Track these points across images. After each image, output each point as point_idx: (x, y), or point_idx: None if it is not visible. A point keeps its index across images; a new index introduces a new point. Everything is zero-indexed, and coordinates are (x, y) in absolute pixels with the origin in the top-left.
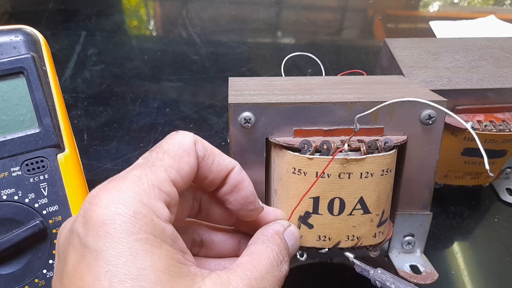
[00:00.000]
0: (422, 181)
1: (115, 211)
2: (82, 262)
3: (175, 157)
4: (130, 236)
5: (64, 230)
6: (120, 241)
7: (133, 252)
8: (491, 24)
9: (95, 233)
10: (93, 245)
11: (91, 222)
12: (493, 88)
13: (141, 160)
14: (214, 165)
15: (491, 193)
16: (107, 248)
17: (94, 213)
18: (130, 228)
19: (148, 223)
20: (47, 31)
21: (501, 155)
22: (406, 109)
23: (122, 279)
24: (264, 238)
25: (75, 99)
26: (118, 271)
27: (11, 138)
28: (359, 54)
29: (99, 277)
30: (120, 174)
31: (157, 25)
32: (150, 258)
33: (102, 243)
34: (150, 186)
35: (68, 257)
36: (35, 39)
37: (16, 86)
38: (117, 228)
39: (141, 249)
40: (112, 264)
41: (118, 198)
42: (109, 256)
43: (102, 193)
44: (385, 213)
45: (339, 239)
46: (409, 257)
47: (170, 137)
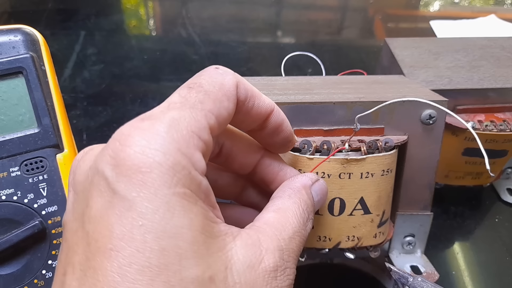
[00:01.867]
0: (422, 181)
1: (153, 158)
2: (110, 209)
3: (215, 101)
4: (168, 189)
5: (83, 166)
6: (157, 194)
7: (170, 207)
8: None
9: (128, 179)
10: (125, 193)
11: (123, 166)
12: (493, 88)
13: (178, 97)
14: (254, 109)
15: (492, 193)
16: (142, 200)
17: (128, 156)
18: (168, 180)
19: (186, 176)
20: (46, 30)
21: (501, 155)
22: (406, 109)
23: (157, 236)
24: (290, 192)
25: (74, 99)
26: (154, 227)
27: (10, 138)
28: (359, 53)
29: (132, 231)
30: (155, 111)
31: (156, 24)
32: (187, 216)
33: (136, 193)
34: (189, 133)
35: (92, 199)
36: (34, 39)
37: (15, 86)
38: (154, 178)
39: (178, 205)
40: (147, 219)
41: (156, 144)
42: (144, 208)
43: (136, 133)
44: (385, 213)
45: (339, 240)
46: (410, 257)
47: (210, 75)
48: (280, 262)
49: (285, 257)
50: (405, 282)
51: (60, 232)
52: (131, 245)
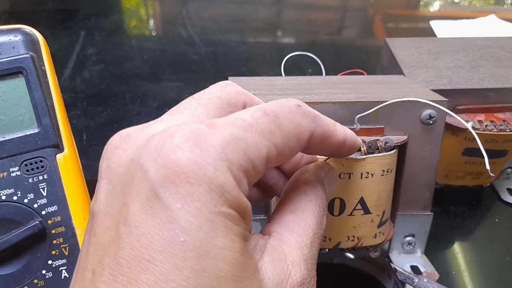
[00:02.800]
0: (422, 181)
1: (204, 171)
2: (151, 217)
3: (284, 138)
4: (214, 207)
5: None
6: (203, 210)
7: (214, 227)
8: (492, 23)
9: (175, 188)
10: (170, 202)
11: (171, 170)
12: (493, 88)
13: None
14: (327, 145)
15: (492, 193)
16: (186, 214)
17: (178, 160)
18: (215, 198)
19: (234, 197)
20: (46, 30)
21: (501, 155)
22: (406, 109)
23: (199, 255)
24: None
25: (74, 99)
26: (196, 245)
27: (10, 138)
28: (359, 53)
29: (172, 246)
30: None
31: (156, 24)
32: (230, 238)
33: (181, 205)
34: (245, 157)
35: (131, 199)
36: (34, 39)
37: (15, 86)
38: (201, 192)
39: (222, 225)
40: (190, 235)
41: (209, 157)
42: (187, 223)
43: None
44: (385, 213)
45: (339, 240)
46: (410, 257)
47: (291, 111)
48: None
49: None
50: (411, 283)
51: (60, 232)
52: (170, 261)
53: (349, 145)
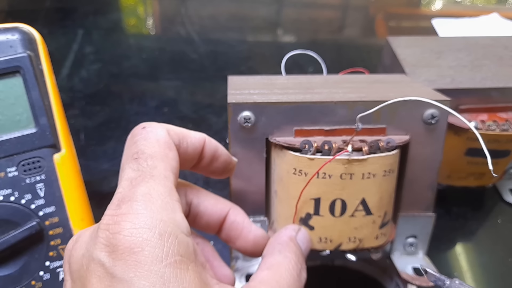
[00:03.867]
0: (425, 181)
1: (141, 236)
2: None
3: (163, 159)
4: (160, 263)
5: (76, 254)
6: (151, 270)
7: (165, 280)
8: (494, 22)
9: (124, 262)
10: (123, 275)
11: (117, 251)
12: (496, 87)
13: (134, 173)
14: (189, 147)
15: (495, 194)
16: (139, 278)
17: (120, 241)
18: (159, 253)
19: (174, 243)
20: (44, 29)
21: (504, 155)
22: (408, 109)
23: None
24: (280, 247)
25: (72, 99)
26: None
27: (7, 138)
28: (360, 52)
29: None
30: (124, 193)
31: (155, 23)
32: (181, 285)
33: (133, 273)
34: (164, 201)
35: (90, 285)
36: (32, 38)
37: (13, 85)
38: (146, 255)
39: (172, 275)
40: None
41: (139, 222)
42: (141, 286)
43: (121, 220)
44: (387, 214)
45: (340, 241)
46: (412, 259)
47: (144, 137)
48: None
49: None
50: (442, 285)
51: (57, 234)
52: None
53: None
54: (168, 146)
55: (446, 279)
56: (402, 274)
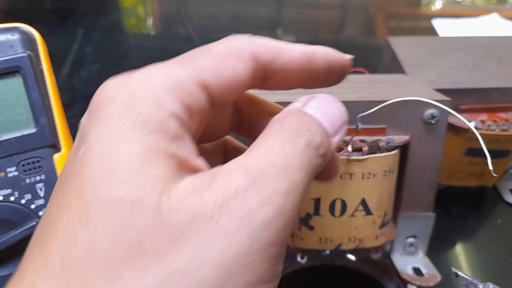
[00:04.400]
0: (425, 181)
1: (113, 93)
2: (71, 151)
3: (216, 59)
4: (117, 118)
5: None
6: (106, 123)
7: (112, 132)
8: (494, 22)
9: (90, 118)
10: (84, 130)
11: (92, 106)
12: (496, 87)
13: (176, 57)
14: (289, 64)
15: (495, 194)
16: (92, 130)
17: (97, 96)
18: (120, 110)
19: (142, 108)
20: (44, 29)
21: (504, 155)
22: (408, 109)
23: (90, 159)
24: (271, 123)
25: (72, 99)
26: (90, 151)
27: (7, 138)
28: (360, 52)
29: (73, 161)
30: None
31: (155, 23)
32: (127, 141)
33: (91, 127)
34: (166, 78)
35: (73, 144)
36: (32, 38)
37: (12, 85)
38: (109, 110)
39: (122, 131)
40: (89, 145)
41: (123, 83)
42: (89, 137)
43: (112, 79)
44: (387, 214)
45: (340, 241)
46: (412, 259)
47: (221, 40)
48: (245, 183)
49: (256, 179)
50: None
51: None
52: (67, 174)
53: (323, 59)
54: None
55: (479, 283)
56: (402, 274)
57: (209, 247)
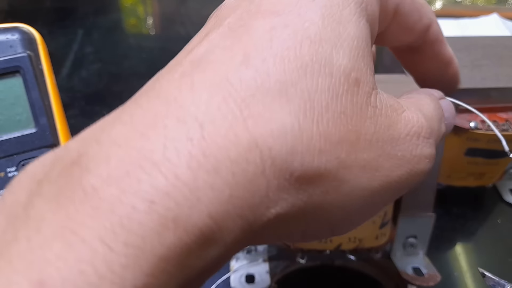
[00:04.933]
0: (425, 182)
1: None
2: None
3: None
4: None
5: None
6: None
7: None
8: (494, 22)
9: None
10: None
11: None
12: (496, 87)
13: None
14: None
15: (495, 194)
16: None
17: None
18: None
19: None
20: (44, 29)
21: (504, 155)
22: None
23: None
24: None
25: (72, 98)
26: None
27: (7, 138)
28: None
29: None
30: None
31: (155, 23)
32: (359, 18)
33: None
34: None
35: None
36: (32, 38)
37: (12, 85)
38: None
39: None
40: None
41: None
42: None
43: None
44: (387, 214)
45: (340, 241)
46: (412, 259)
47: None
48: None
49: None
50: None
51: None
52: (292, 11)
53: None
54: None
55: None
56: (402, 274)
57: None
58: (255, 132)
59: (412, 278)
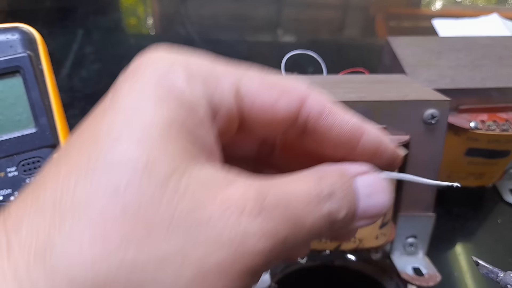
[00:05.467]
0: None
1: (154, 60)
2: (105, 98)
3: (264, 82)
4: (153, 82)
5: None
6: (139, 81)
7: (144, 92)
8: (494, 22)
9: (125, 76)
10: (119, 82)
11: (130, 66)
12: (496, 87)
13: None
14: (334, 128)
15: (495, 194)
16: (124, 85)
17: (138, 59)
18: (157, 77)
19: (177, 85)
20: (44, 29)
21: (504, 155)
22: (408, 109)
23: (116, 111)
24: (317, 168)
25: (72, 99)
26: (117, 103)
27: (8, 138)
28: (361, 52)
29: (99, 109)
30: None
31: (155, 23)
32: (157, 105)
33: (123, 83)
34: (207, 68)
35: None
36: (32, 38)
37: (13, 85)
38: (145, 73)
39: (154, 94)
40: (117, 96)
41: (166, 55)
42: (119, 90)
43: (158, 48)
44: (387, 214)
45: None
46: (412, 259)
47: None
48: (254, 208)
49: (268, 200)
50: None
51: None
52: (90, 121)
53: (371, 143)
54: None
55: (500, 271)
56: (402, 274)
57: (195, 248)
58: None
59: (412, 278)
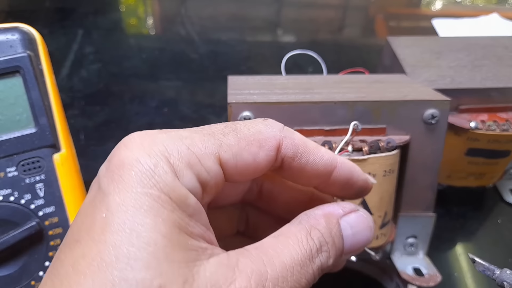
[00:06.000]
0: (425, 182)
1: (137, 157)
2: (91, 202)
3: (241, 141)
4: (141, 187)
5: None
6: (129, 189)
7: (137, 204)
8: (494, 22)
9: (111, 175)
10: (105, 187)
11: (111, 163)
12: (496, 88)
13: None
14: (309, 165)
15: (495, 194)
16: (114, 193)
17: (118, 154)
18: (145, 180)
19: (165, 182)
20: (44, 29)
21: (504, 155)
22: (408, 109)
23: (114, 230)
24: (303, 217)
25: (72, 98)
26: (114, 220)
27: (7, 138)
28: (360, 52)
29: (95, 221)
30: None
31: (155, 23)
32: (153, 218)
33: (112, 187)
34: (188, 151)
35: (87, 197)
36: (32, 38)
37: (12, 85)
38: (131, 175)
39: (147, 204)
40: (112, 211)
41: (148, 147)
42: (112, 201)
43: (137, 136)
44: (387, 214)
45: None
46: (412, 259)
47: (252, 122)
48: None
49: (267, 284)
50: (491, 274)
51: (57, 234)
52: (89, 236)
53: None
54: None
55: (496, 269)
56: (402, 274)
57: None
58: None
59: (412, 278)
